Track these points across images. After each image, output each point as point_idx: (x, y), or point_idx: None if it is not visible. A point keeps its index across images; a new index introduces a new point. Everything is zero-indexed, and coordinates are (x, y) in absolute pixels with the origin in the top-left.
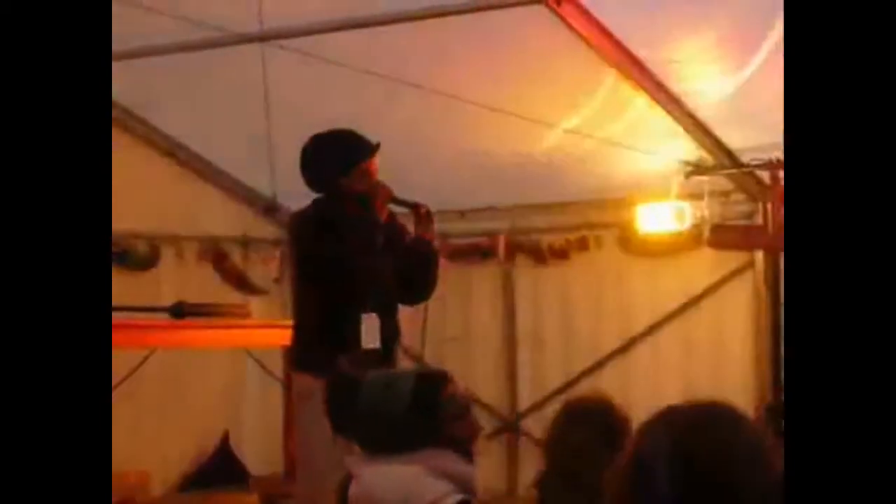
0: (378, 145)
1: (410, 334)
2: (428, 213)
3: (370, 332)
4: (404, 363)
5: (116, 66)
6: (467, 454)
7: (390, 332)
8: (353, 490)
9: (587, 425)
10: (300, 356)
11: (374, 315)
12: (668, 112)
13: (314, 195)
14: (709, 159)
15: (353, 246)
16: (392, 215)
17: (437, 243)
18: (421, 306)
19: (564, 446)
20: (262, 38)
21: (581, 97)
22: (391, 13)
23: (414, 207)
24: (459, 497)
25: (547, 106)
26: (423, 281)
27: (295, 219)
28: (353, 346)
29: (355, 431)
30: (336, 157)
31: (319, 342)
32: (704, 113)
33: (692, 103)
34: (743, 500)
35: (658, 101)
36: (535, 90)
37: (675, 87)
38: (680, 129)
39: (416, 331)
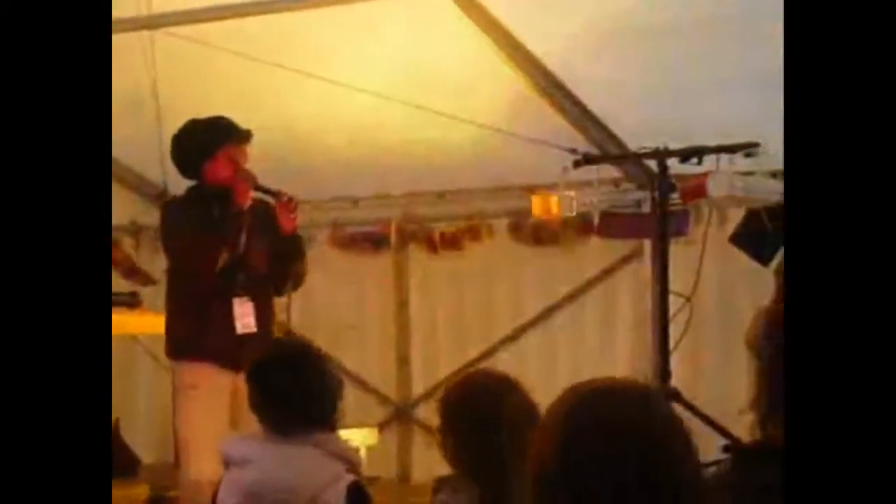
0: (248, 132)
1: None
2: (290, 200)
3: (242, 316)
4: None
5: None
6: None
7: (265, 317)
8: (249, 475)
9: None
10: (179, 345)
11: (245, 299)
12: (558, 101)
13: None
14: (598, 148)
15: (217, 232)
16: (264, 202)
17: (298, 230)
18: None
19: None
20: (151, 25)
21: (472, 86)
22: (282, 1)
23: (276, 195)
24: (352, 478)
25: (438, 94)
26: (288, 271)
27: (163, 208)
28: (227, 331)
29: (266, 411)
30: (199, 142)
31: (195, 329)
32: (593, 102)
33: (582, 92)
34: (666, 473)
35: (548, 90)
36: (427, 78)
37: (565, 75)
38: (569, 118)
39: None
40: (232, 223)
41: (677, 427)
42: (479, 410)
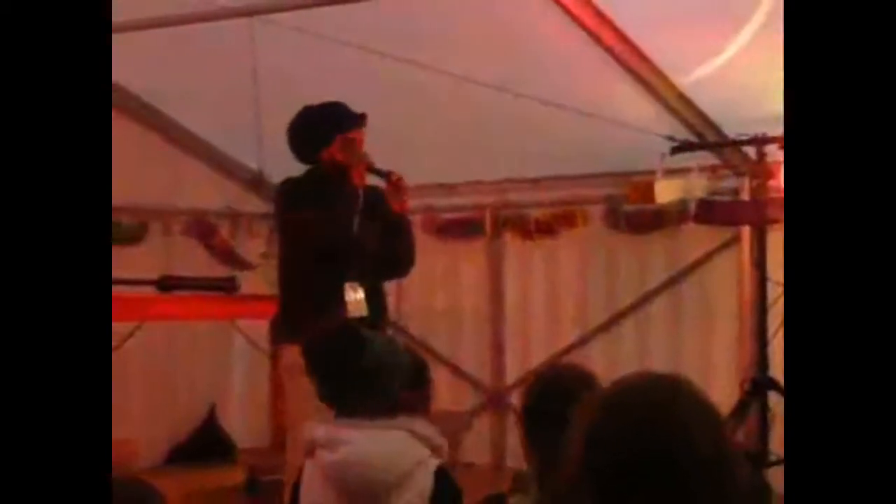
0: (364, 116)
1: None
2: (400, 181)
3: (354, 301)
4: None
5: None
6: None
7: (376, 302)
8: (336, 456)
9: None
10: (287, 327)
11: (356, 284)
12: (655, 87)
13: (301, 168)
14: (695, 134)
15: (333, 215)
16: (375, 186)
17: (409, 215)
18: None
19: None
20: (251, 12)
21: (568, 72)
22: None
23: (387, 176)
24: (439, 461)
25: (534, 80)
26: (398, 254)
27: (280, 188)
28: (339, 316)
29: (342, 392)
30: (319, 128)
31: (305, 312)
32: (691, 88)
33: (679, 78)
34: (696, 472)
35: (645, 76)
36: (523, 64)
37: (662, 61)
38: (667, 104)
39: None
40: (347, 206)
41: (699, 410)
42: (549, 407)
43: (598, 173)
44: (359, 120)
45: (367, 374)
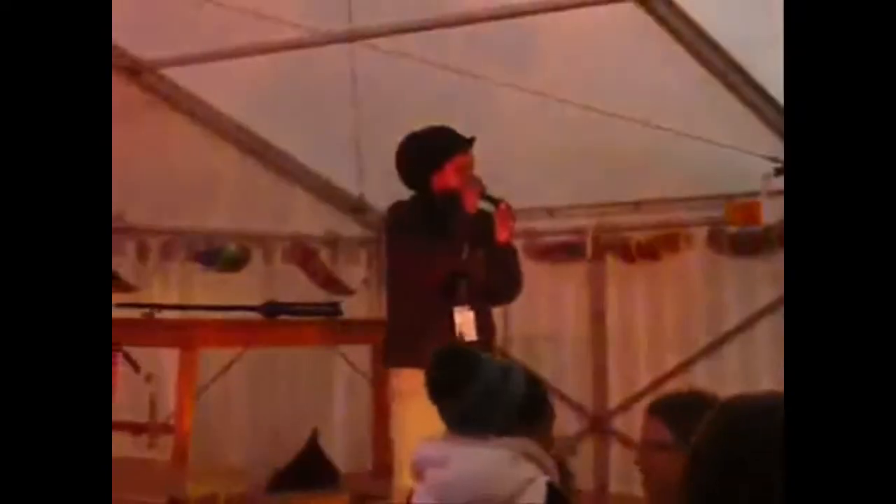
0: (472, 139)
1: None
2: (508, 209)
3: (465, 325)
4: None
5: (204, 68)
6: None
7: (485, 326)
8: (440, 473)
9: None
10: (398, 352)
11: (466, 308)
12: (759, 108)
13: (403, 192)
14: None
15: (443, 240)
16: (484, 211)
17: (514, 241)
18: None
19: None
20: (351, 38)
21: (670, 93)
22: (479, 12)
23: (496, 203)
24: (548, 478)
25: (634, 101)
26: (504, 280)
27: (390, 212)
28: (449, 340)
29: (455, 407)
30: (427, 154)
31: (416, 337)
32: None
33: (782, 97)
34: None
35: (748, 97)
36: (625, 87)
37: (767, 81)
38: (771, 125)
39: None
40: (458, 231)
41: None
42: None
43: (700, 195)
44: (468, 143)
45: (479, 396)
